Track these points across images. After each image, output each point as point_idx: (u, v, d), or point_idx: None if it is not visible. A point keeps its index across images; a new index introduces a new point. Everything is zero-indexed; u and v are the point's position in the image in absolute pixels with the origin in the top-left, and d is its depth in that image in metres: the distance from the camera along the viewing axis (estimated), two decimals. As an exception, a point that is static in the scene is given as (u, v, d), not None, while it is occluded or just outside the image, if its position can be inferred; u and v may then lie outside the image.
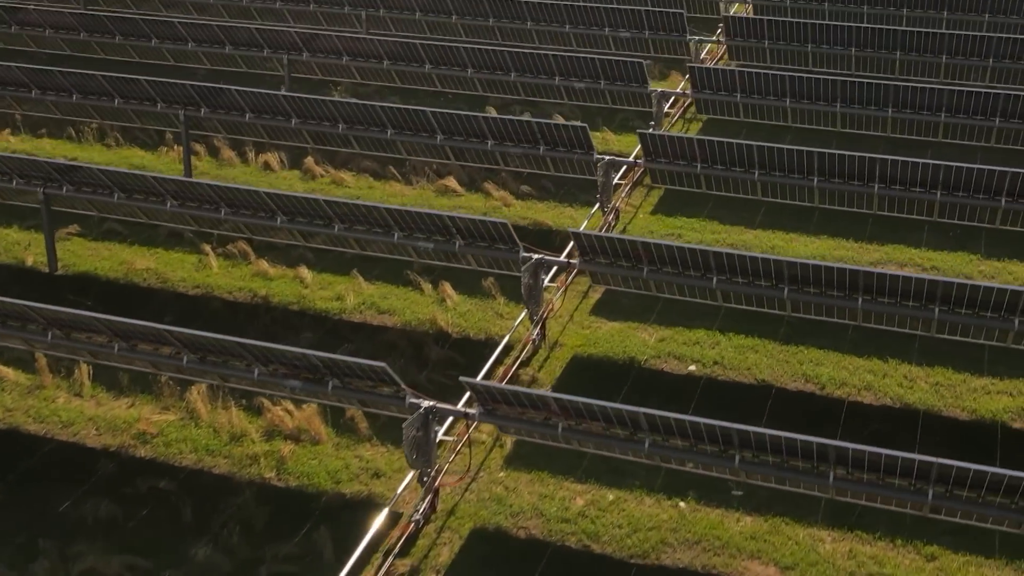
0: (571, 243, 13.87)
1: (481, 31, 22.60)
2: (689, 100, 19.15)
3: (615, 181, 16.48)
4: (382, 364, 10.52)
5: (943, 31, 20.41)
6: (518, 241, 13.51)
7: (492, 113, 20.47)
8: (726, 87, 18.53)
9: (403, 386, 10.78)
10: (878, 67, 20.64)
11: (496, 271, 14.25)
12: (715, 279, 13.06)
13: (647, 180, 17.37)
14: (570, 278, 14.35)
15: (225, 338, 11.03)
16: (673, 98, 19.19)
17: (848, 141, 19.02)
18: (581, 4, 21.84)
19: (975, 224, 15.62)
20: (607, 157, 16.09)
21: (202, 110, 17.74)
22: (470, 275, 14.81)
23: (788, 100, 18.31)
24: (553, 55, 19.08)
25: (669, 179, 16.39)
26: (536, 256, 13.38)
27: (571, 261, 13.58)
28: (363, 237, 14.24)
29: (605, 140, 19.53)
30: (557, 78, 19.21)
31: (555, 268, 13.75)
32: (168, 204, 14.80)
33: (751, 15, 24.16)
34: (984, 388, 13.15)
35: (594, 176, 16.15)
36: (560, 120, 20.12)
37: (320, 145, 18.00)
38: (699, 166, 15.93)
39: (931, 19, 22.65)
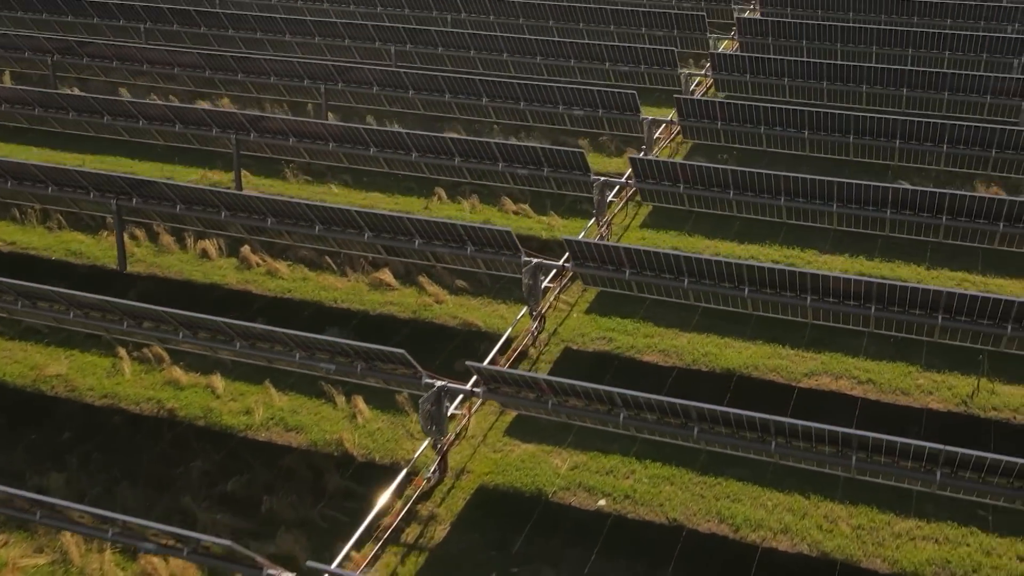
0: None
1: (438, 106, 21.16)
2: (633, 188, 17.60)
3: (544, 284, 14.96)
4: (228, 542, 9.05)
5: (898, 116, 18.82)
6: (419, 368, 12.02)
7: (441, 194, 19.05)
8: (670, 177, 16.98)
9: (258, 558, 9.31)
10: (832, 150, 19.10)
11: (404, 389, 12.81)
12: (622, 415, 11.53)
13: (583, 277, 15.84)
14: (475, 408, 12.83)
15: (75, 507, 9.61)
16: (618, 186, 17.63)
17: (794, 233, 17.45)
18: (536, 83, 20.34)
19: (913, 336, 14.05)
20: (535, 260, 14.58)
21: (134, 200, 16.35)
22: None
23: (732, 192, 16.74)
24: (496, 143, 17.58)
25: (598, 283, 14.86)
26: (439, 384, 11.88)
27: (475, 390, 12.07)
28: (267, 355, 12.81)
29: (551, 226, 18.02)
30: (500, 164, 17.71)
31: (460, 396, 12.25)
32: (71, 314, 13.42)
33: (712, 93, 22.62)
34: (909, 533, 11.55)
35: (522, 277, 14.64)
36: (508, 203, 18.68)
37: (255, 236, 16.58)
38: (628, 272, 14.40)
39: (891, 96, 21.02)
